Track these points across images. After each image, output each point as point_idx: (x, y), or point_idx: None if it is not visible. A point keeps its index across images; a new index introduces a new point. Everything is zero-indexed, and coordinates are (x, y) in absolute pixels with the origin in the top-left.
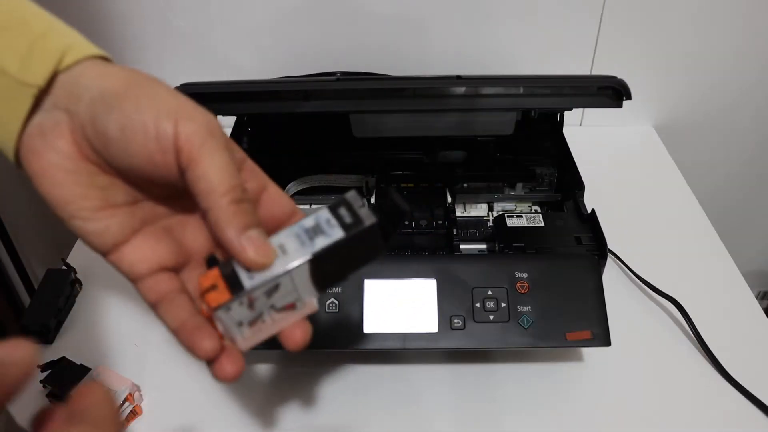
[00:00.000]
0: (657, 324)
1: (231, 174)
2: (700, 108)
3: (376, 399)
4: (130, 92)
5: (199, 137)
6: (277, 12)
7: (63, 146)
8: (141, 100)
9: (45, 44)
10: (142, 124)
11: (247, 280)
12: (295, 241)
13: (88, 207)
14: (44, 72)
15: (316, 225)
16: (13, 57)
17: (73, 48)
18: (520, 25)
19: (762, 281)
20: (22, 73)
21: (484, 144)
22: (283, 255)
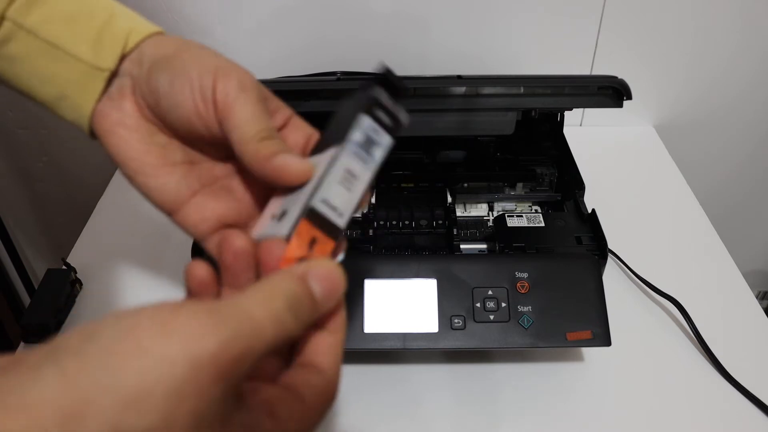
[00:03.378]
0: (657, 324)
1: (259, 120)
2: (700, 108)
3: (376, 399)
4: (178, 54)
5: (232, 90)
6: (277, 12)
7: (126, 106)
8: (186, 60)
9: (111, 30)
10: (188, 78)
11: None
12: (356, 160)
13: (150, 163)
14: (114, 55)
15: (367, 139)
16: (85, 44)
17: (134, 30)
18: (520, 25)
19: (762, 281)
20: (95, 59)
21: (484, 144)
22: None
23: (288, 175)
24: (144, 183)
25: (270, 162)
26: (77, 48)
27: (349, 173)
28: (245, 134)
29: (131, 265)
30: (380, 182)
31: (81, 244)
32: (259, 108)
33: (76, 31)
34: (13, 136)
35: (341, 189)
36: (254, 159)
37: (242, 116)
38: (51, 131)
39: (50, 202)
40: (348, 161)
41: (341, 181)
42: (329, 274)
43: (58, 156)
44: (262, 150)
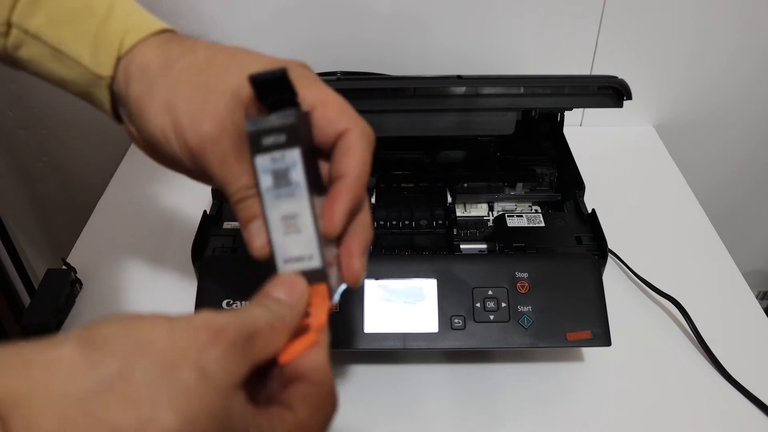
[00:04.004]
0: (657, 324)
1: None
2: (700, 107)
3: (376, 399)
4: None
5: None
6: (277, 12)
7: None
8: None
9: (107, 30)
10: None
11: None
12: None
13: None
14: (110, 61)
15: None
16: (84, 47)
17: (130, 30)
18: (520, 25)
19: (762, 281)
20: (94, 65)
21: (484, 144)
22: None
23: (251, 250)
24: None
25: (244, 230)
26: (78, 51)
27: (286, 218)
28: (227, 190)
29: (131, 265)
30: (380, 182)
31: (81, 244)
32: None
33: (77, 31)
34: (13, 136)
35: (292, 238)
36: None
37: (214, 177)
38: (51, 131)
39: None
40: (275, 210)
41: (285, 231)
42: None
43: (58, 156)
44: (238, 215)
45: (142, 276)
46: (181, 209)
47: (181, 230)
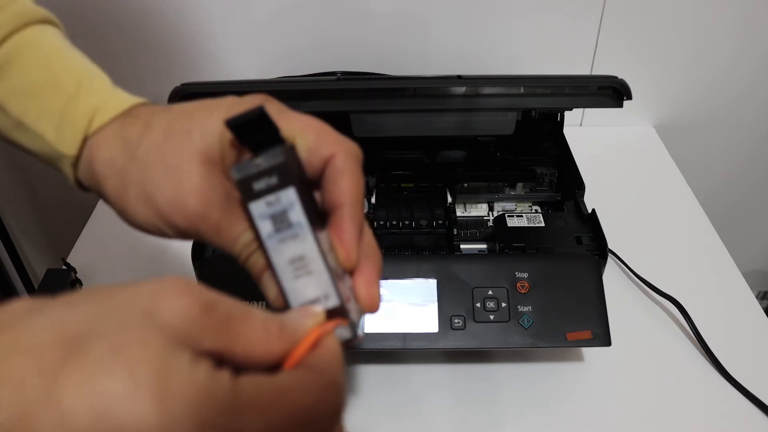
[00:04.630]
0: (657, 324)
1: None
2: (700, 107)
3: (376, 399)
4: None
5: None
6: (277, 12)
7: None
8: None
9: (75, 108)
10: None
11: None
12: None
13: None
14: (76, 141)
15: (273, 217)
16: (48, 123)
17: (100, 111)
18: (520, 25)
19: (762, 281)
20: (58, 142)
21: (484, 144)
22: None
23: (270, 303)
24: None
25: (259, 282)
26: (42, 126)
27: (293, 261)
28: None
29: (131, 265)
30: (380, 182)
31: (81, 244)
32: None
33: (41, 106)
34: None
35: (304, 280)
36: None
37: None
38: None
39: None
40: (281, 255)
41: (296, 275)
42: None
43: None
44: (251, 270)
45: (142, 276)
46: None
47: None
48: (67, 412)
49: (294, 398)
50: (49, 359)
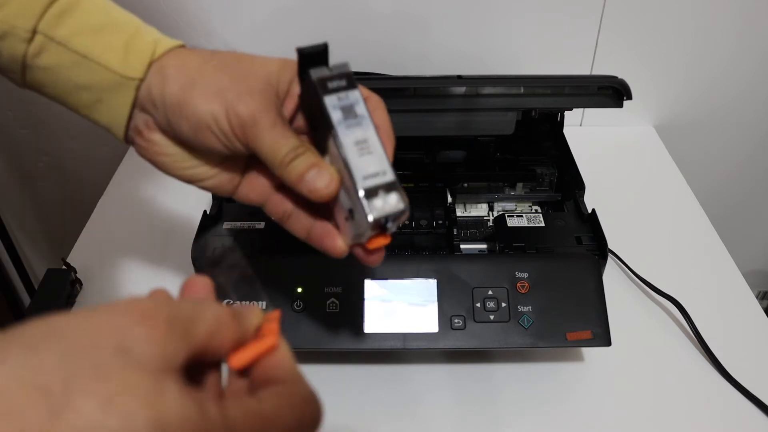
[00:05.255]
0: (657, 324)
1: (281, 143)
2: (700, 108)
3: (375, 399)
4: (186, 96)
5: (248, 126)
6: (277, 12)
7: (157, 139)
8: (196, 101)
9: (138, 41)
10: (207, 127)
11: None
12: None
13: (199, 173)
14: (142, 66)
15: (343, 109)
16: (114, 54)
17: (159, 42)
18: (520, 25)
19: (762, 281)
20: (123, 68)
21: (484, 144)
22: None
23: (318, 194)
24: (204, 186)
25: (303, 184)
26: (107, 58)
27: (359, 143)
28: (274, 161)
29: (131, 265)
30: None
31: (81, 244)
32: (276, 130)
33: (105, 41)
34: (13, 136)
35: (366, 158)
36: (291, 183)
37: (265, 147)
38: (51, 131)
39: (50, 202)
40: (349, 137)
41: (360, 153)
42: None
43: (58, 156)
44: (293, 173)
45: (142, 276)
46: (181, 209)
47: (181, 230)
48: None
49: (282, 415)
50: (34, 423)
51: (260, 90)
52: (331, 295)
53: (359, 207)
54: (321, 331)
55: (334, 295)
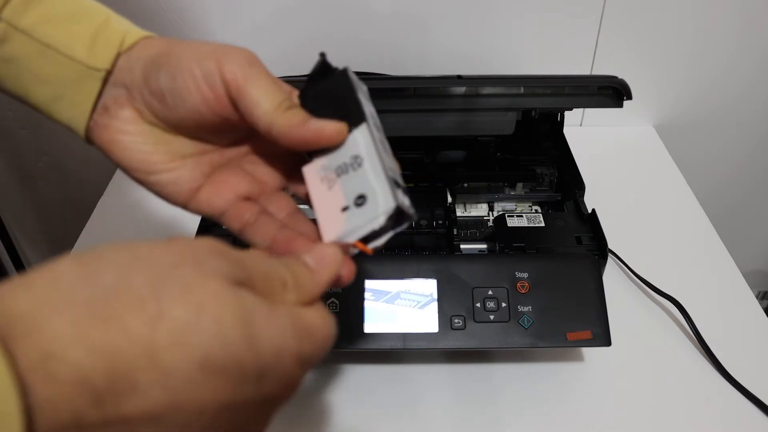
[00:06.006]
0: (657, 324)
1: (277, 91)
2: (700, 108)
3: (375, 399)
4: (172, 50)
5: (240, 68)
6: (277, 12)
7: (125, 114)
8: (183, 52)
9: (107, 31)
10: (190, 70)
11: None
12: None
13: (158, 161)
14: (109, 56)
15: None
16: (81, 45)
17: (129, 32)
18: (520, 25)
19: (762, 281)
20: (90, 60)
21: (484, 144)
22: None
23: (327, 134)
24: (157, 181)
25: (306, 127)
26: (72, 48)
27: (381, 143)
28: (268, 107)
29: None
30: None
31: (81, 244)
32: (272, 79)
33: (72, 31)
34: (13, 136)
35: (387, 156)
36: (287, 128)
37: (260, 90)
38: (51, 131)
39: (50, 202)
40: (376, 133)
41: (383, 150)
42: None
43: (58, 156)
44: (293, 118)
45: None
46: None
47: (181, 230)
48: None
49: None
50: (135, 328)
51: (253, 53)
52: (331, 295)
53: (380, 192)
54: None
55: (334, 295)
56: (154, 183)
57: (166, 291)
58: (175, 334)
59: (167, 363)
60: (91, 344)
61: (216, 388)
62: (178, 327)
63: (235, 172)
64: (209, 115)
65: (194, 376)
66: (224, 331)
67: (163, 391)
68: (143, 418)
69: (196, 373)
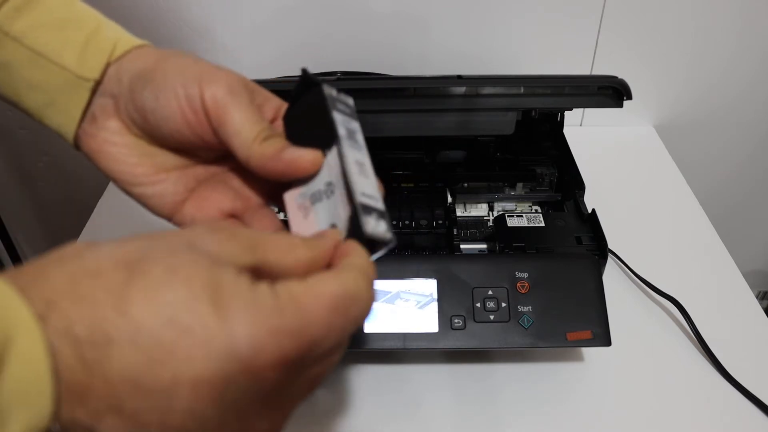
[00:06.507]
0: (657, 324)
1: (255, 122)
2: (700, 108)
3: (376, 399)
4: (159, 66)
5: (222, 96)
6: (277, 12)
7: (112, 125)
8: (168, 71)
9: (98, 40)
10: (173, 90)
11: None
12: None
13: (143, 173)
14: (99, 66)
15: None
16: (71, 53)
17: (120, 41)
18: (520, 25)
19: (762, 281)
20: (80, 69)
21: (484, 144)
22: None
23: (301, 166)
24: (141, 193)
25: (280, 158)
26: (63, 57)
27: (358, 164)
28: (246, 139)
29: None
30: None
31: None
32: (251, 109)
33: (63, 39)
34: (13, 136)
35: (363, 179)
36: (262, 160)
37: (238, 121)
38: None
39: (50, 202)
40: (352, 154)
41: (359, 172)
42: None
43: (58, 156)
44: (267, 149)
45: None
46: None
47: None
48: (139, 320)
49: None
50: (114, 280)
51: (238, 78)
52: None
53: (353, 219)
54: None
55: None
56: (139, 195)
57: (152, 252)
58: (147, 289)
59: (136, 316)
60: (77, 295)
61: (187, 352)
62: (151, 284)
63: (219, 187)
64: (190, 135)
65: (163, 333)
66: (192, 293)
67: (136, 348)
68: (124, 380)
69: (164, 329)
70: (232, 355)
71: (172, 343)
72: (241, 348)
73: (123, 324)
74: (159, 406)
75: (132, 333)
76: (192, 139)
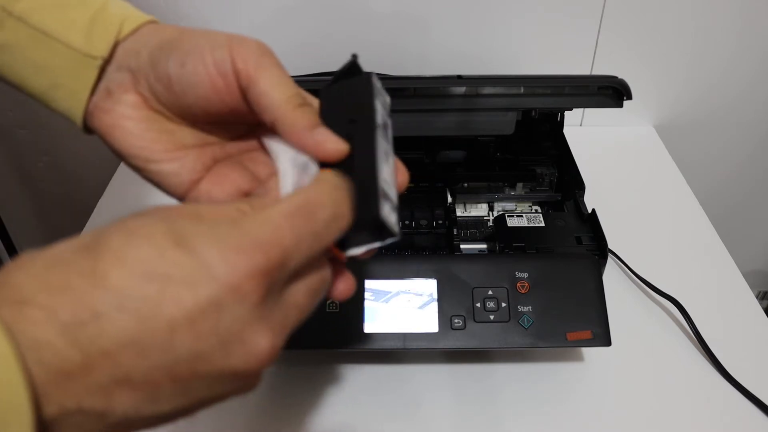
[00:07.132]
0: (657, 324)
1: (288, 84)
2: (700, 108)
3: (375, 399)
4: (185, 35)
5: (253, 57)
6: (277, 12)
7: (129, 99)
8: (195, 37)
9: (104, 17)
10: (201, 56)
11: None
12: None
13: (161, 149)
14: (107, 43)
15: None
16: (77, 31)
17: (128, 18)
18: (520, 25)
19: (762, 281)
20: (87, 47)
21: (484, 144)
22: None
23: (327, 151)
24: (157, 170)
25: (311, 134)
26: (68, 35)
27: (385, 154)
28: (277, 98)
29: None
30: None
31: None
32: (284, 72)
33: (68, 17)
34: (13, 136)
35: (387, 168)
36: (292, 128)
37: (270, 81)
38: (51, 131)
39: (50, 202)
40: (382, 144)
41: (385, 160)
42: None
43: (58, 156)
44: (300, 120)
45: None
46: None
47: None
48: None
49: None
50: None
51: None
52: None
53: (369, 201)
54: (321, 331)
55: None
56: (155, 172)
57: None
58: (115, 258)
59: (115, 283)
60: (52, 286)
61: (173, 296)
62: (116, 252)
63: (236, 167)
64: (217, 103)
65: (144, 288)
66: (157, 244)
67: (124, 312)
68: (121, 346)
69: (144, 284)
70: (213, 281)
71: (157, 293)
72: (218, 271)
73: (105, 295)
74: (163, 360)
75: (116, 299)
76: (218, 107)
